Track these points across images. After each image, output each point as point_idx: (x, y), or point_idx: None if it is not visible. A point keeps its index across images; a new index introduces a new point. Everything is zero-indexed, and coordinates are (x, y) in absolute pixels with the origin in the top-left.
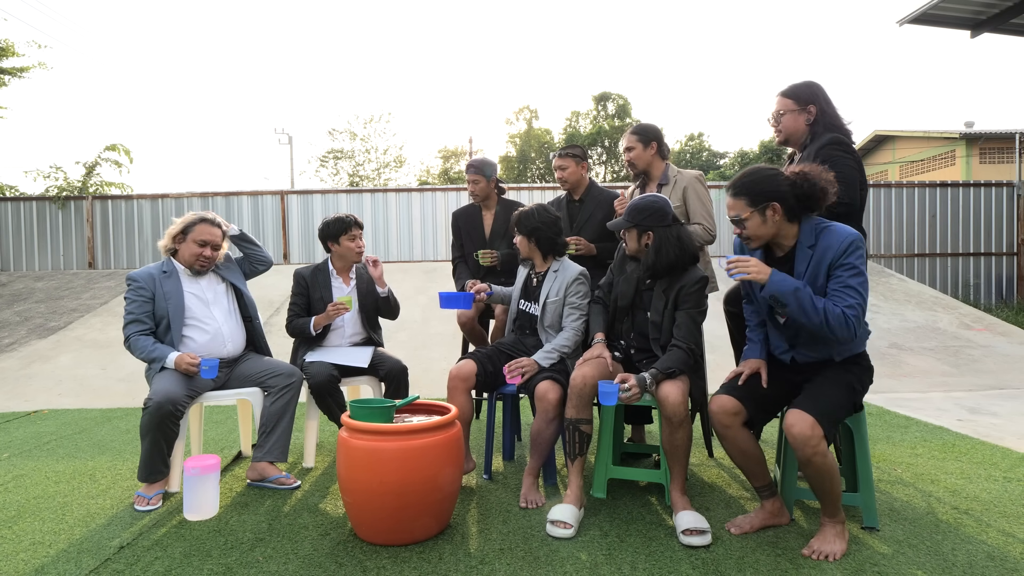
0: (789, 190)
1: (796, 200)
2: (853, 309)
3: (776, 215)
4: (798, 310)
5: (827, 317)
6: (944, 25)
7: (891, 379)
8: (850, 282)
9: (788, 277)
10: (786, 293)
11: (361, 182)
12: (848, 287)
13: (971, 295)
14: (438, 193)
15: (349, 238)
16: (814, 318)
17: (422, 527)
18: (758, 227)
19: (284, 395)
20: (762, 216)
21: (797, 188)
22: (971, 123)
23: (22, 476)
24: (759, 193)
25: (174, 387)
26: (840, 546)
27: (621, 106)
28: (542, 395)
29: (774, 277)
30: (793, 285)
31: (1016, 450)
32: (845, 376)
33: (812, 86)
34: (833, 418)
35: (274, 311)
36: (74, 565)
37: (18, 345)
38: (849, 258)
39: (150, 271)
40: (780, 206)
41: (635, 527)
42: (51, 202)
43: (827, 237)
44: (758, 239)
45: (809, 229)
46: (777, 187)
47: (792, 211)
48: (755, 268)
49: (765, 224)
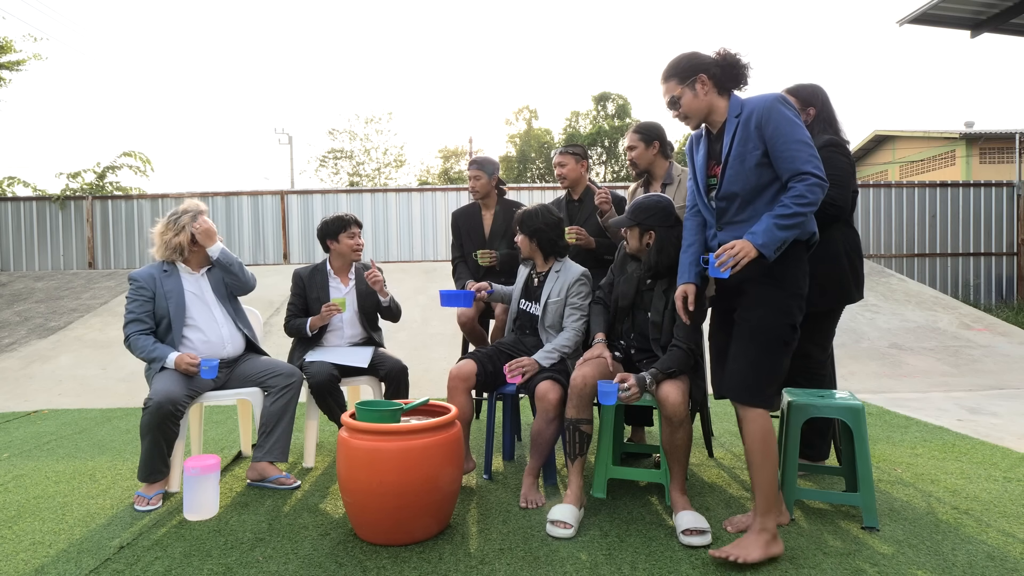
0: (713, 62)
1: (722, 71)
2: (807, 166)
3: (705, 87)
4: (792, 230)
5: (803, 205)
6: (944, 25)
7: (891, 379)
8: (790, 146)
9: (761, 227)
10: (777, 239)
11: (361, 182)
12: (787, 152)
13: (971, 295)
14: (438, 193)
15: (348, 235)
16: (800, 218)
17: (422, 527)
18: (691, 102)
19: (284, 395)
20: (692, 90)
21: (722, 59)
22: (971, 123)
23: (22, 476)
24: (686, 68)
25: (174, 387)
26: (755, 553)
27: (621, 106)
28: (542, 395)
29: (758, 240)
30: (775, 230)
31: (1016, 450)
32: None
33: (815, 89)
34: (759, 387)
35: (274, 311)
36: (74, 565)
37: (18, 345)
38: (776, 120)
39: (151, 271)
40: (707, 76)
41: (635, 527)
42: (51, 202)
43: (751, 102)
44: (695, 114)
45: (736, 101)
46: (701, 60)
47: (720, 83)
48: (743, 250)
49: (697, 97)
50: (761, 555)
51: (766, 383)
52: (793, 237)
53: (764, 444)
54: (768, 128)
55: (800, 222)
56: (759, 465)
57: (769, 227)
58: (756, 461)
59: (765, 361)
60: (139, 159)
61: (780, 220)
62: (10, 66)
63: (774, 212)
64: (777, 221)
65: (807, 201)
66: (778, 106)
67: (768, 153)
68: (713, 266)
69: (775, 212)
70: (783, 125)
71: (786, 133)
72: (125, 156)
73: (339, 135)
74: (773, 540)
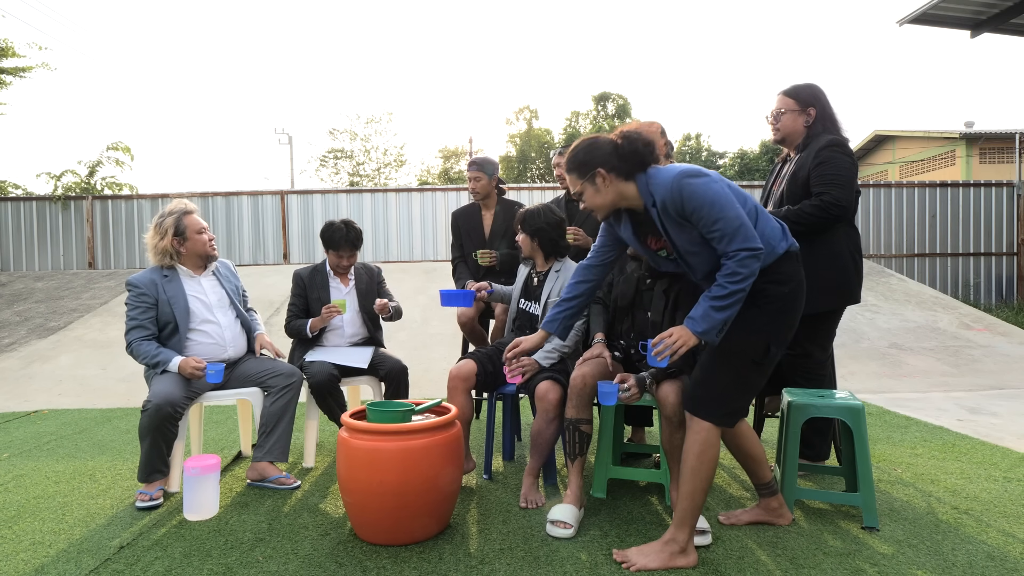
0: (612, 152)
1: (621, 160)
2: (734, 244)
3: (606, 180)
4: (731, 309)
5: (738, 281)
6: (944, 25)
7: (891, 379)
8: (712, 229)
9: (700, 313)
10: (717, 321)
11: (361, 182)
12: (713, 235)
13: (971, 295)
14: (438, 193)
15: (336, 256)
16: (738, 295)
17: (422, 527)
18: (593, 197)
19: (284, 395)
20: (593, 185)
21: (620, 148)
22: (971, 123)
23: (22, 476)
24: (583, 164)
25: (173, 389)
26: (654, 562)
27: (621, 106)
28: (542, 395)
29: (697, 327)
30: (712, 313)
31: (1016, 450)
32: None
33: (813, 89)
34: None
35: (274, 311)
36: (74, 565)
37: (18, 345)
38: (690, 204)
39: (151, 276)
40: (605, 170)
41: (635, 527)
42: (51, 202)
43: (658, 190)
44: (600, 208)
45: (644, 187)
46: (595, 155)
47: (623, 171)
48: (680, 339)
49: (599, 192)
50: (660, 565)
51: (719, 400)
52: (735, 314)
53: (698, 459)
54: (687, 213)
55: (739, 298)
56: (687, 479)
57: (707, 311)
58: (685, 474)
59: (723, 378)
60: (122, 150)
61: (717, 302)
62: (14, 71)
63: (710, 293)
64: (714, 303)
65: (742, 276)
66: (685, 190)
67: None
68: (650, 354)
69: (711, 293)
70: (700, 209)
71: (705, 216)
72: (111, 150)
73: (339, 135)
74: (680, 553)
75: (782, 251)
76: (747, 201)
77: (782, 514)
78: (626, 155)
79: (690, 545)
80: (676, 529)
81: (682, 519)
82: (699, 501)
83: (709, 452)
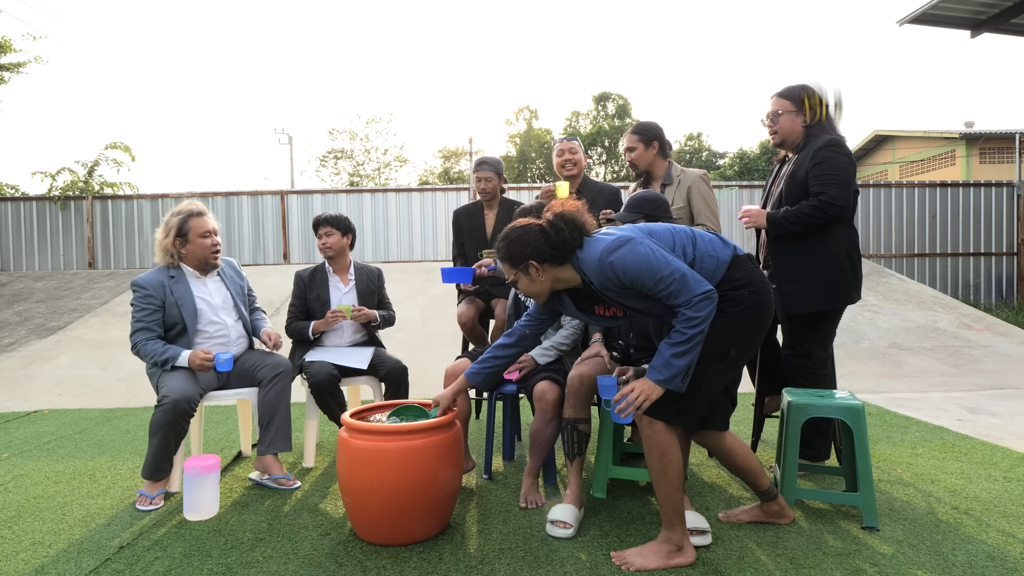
0: (542, 241)
1: (552, 248)
2: (681, 297)
3: (540, 271)
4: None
5: (695, 325)
6: (944, 25)
7: (891, 379)
8: (657, 291)
9: (661, 362)
10: (679, 368)
11: (362, 182)
12: (660, 294)
13: (971, 295)
14: (438, 193)
15: (318, 236)
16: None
17: (422, 527)
18: (528, 286)
19: (275, 384)
20: (527, 275)
21: (549, 238)
22: (971, 123)
23: (22, 476)
24: (514, 256)
25: (188, 386)
26: (652, 562)
27: (621, 106)
28: (540, 395)
29: (659, 376)
30: (673, 360)
31: (1016, 450)
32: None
33: (809, 89)
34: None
35: (274, 311)
36: (74, 565)
37: (18, 345)
38: (626, 278)
39: (158, 278)
40: (537, 261)
41: (635, 527)
42: (51, 202)
43: (590, 271)
44: (537, 295)
45: (577, 267)
46: (527, 244)
47: (556, 259)
48: (643, 393)
49: (534, 282)
50: (659, 564)
51: (670, 397)
52: (696, 359)
53: (660, 460)
54: (626, 285)
55: (699, 341)
56: (655, 481)
57: (667, 360)
58: (654, 478)
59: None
60: (121, 149)
61: (677, 347)
62: (10, 67)
63: (670, 340)
64: (674, 350)
65: (699, 320)
66: (616, 266)
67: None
68: (613, 411)
69: (671, 340)
70: (638, 278)
71: (646, 282)
72: (110, 149)
73: (339, 135)
74: (678, 552)
75: (727, 258)
76: (675, 239)
77: (783, 515)
78: (556, 244)
79: (686, 543)
80: (667, 530)
81: (668, 521)
82: (677, 501)
83: (668, 454)
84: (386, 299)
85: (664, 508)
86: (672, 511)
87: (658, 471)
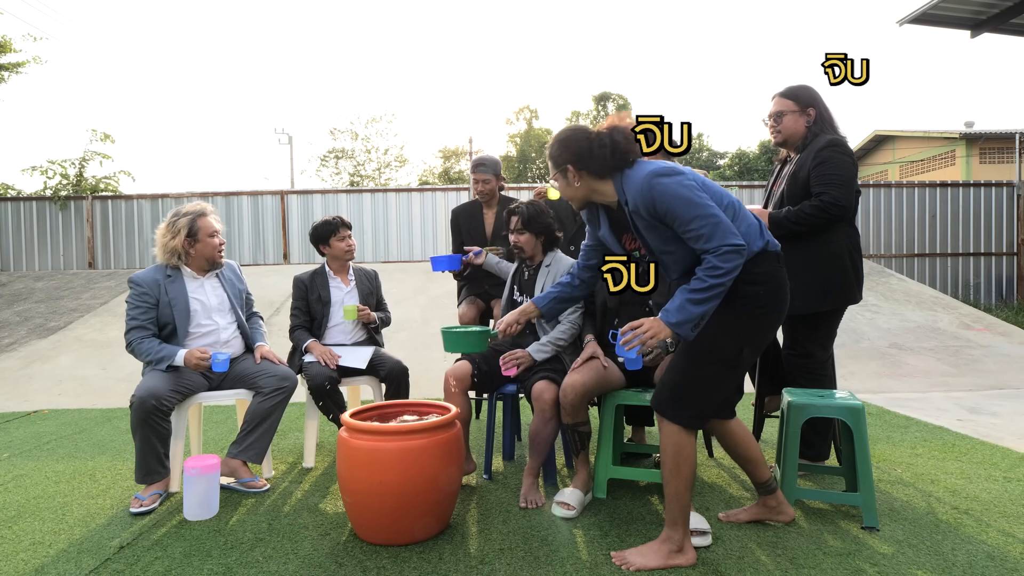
0: (586, 150)
1: (594, 160)
2: (713, 242)
3: (577, 177)
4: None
5: (718, 276)
6: (944, 25)
7: (891, 379)
8: (687, 229)
9: (675, 305)
10: (693, 315)
11: (362, 182)
12: (689, 234)
13: (971, 295)
14: (438, 193)
15: (338, 239)
16: (718, 289)
17: (422, 527)
18: (565, 189)
19: (274, 397)
20: (565, 178)
21: (593, 149)
22: (971, 123)
23: (22, 476)
24: (554, 157)
25: (157, 383)
26: (652, 561)
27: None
28: (539, 395)
29: (671, 319)
30: (689, 306)
31: (1016, 450)
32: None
33: (811, 89)
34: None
35: (274, 311)
36: (74, 565)
37: (18, 345)
38: (661, 205)
39: (154, 276)
40: (575, 168)
41: (635, 527)
42: (51, 202)
43: (630, 190)
44: (572, 200)
45: (619, 187)
46: (569, 150)
47: (595, 171)
48: (651, 329)
49: (570, 186)
50: (658, 564)
51: (689, 401)
52: (713, 309)
53: (675, 460)
54: (659, 214)
55: (719, 293)
56: (667, 480)
57: (683, 304)
58: (665, 475)
59: (694, 378)
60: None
61: (695, 295)
62: (10, 67)
63: (689, 286)
64: (691, 296)
65: (723, 271)
66: (656, 190)
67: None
68: (618, 344)
69: (690, 286)
70: (674, 208)
71: (680, 215)
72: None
73: (340, 135)
74: (678, 552)
75: (758, 249)
76: (723, 198)
77: (782, 511)
78: (599, 156)
79: (687, 543)
80: (670, 529)
81: (673, 520)
82: (685, 501)
83: (684, 452)
84: (383, 300)
85: (671, 506)
86: (678, 510)
87: (671, 468)
